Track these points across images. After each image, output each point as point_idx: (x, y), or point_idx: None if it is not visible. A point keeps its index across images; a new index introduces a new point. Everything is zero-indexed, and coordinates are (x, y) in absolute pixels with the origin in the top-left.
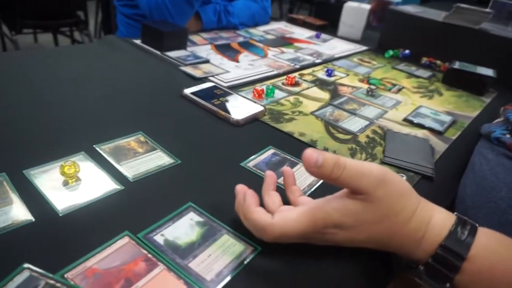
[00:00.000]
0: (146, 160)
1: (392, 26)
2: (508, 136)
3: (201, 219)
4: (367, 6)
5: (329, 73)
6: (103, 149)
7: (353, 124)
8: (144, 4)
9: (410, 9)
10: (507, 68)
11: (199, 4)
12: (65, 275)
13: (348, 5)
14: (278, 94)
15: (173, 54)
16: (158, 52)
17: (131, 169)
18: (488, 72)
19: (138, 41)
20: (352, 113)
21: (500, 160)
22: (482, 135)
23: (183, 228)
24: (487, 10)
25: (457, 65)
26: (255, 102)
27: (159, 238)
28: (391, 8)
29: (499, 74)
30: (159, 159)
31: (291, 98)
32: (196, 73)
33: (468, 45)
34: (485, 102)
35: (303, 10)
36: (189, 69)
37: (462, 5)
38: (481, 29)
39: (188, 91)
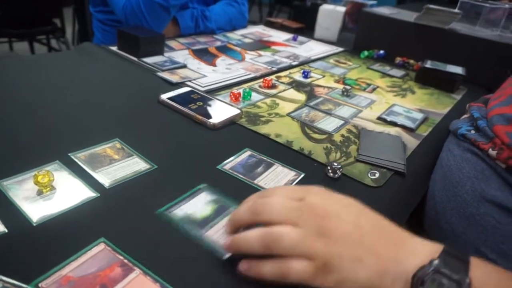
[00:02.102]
0: (122, 166)
1: (366, 28)
2: (473, 132)
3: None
4: (342, 9)
5: (306, 74)
6: (78, 157)
7: (329, 124)
8: (120, 11)
9: (383, 10)
10: (476, 66)
11: (176, 10)
12: (40, 284)
13: (323, 8)
14: (255, 96)
15: (150, 60)
16: (135, 59)
17: (107, 176)
18: (458, 70)
19: (114, 48)
20: (328, 113)
21: (465, 155)
22: (451, 131)
23: None
24: (456, 10)
25: (428, 64)
26: (232, 106)
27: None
28: (364, 10)
29: (468, 72)
30: (136, 165)
31: (268, 101)
32: (173, 78)
33: (439, 45)
34: (455, 99)
35: (283, 14)
36: (166, 75)
37: (432, 6)
38: (451, 29)
39: (164, 96)
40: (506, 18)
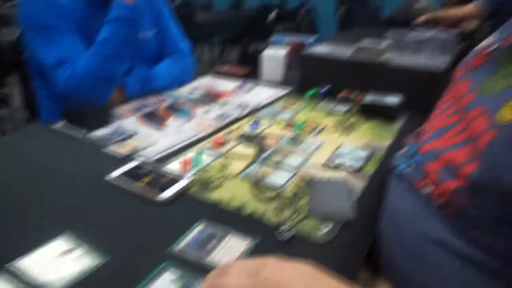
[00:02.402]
0: (71, 265)
1: (308, 68)
2: (409, 169)
3: None
4: (283, 52)
5: (255, 126)
6: (23, 264)
7: (279, 178)
8: (62, 86)
9: (322, 49)
10: (412, 93)
11: (120, 77)
12: None
13: (265, 53)
14: (206, 159)
15: (97, 133)
16: (81, 135)
17: (56, 280)
18: (396, 99)
19: (59, 125)
20: (277, 166)
21: (404, 194)
22: (392, 168)
23: None
24: (383, 46)
25: (368, 97)
26: (182, 174)
27: None
28: (303, 53)
29: (408, 99)
30: (86, 260)
31: (219, 162)
32: (122, 151)
33: (376, 76)
34: (397, 128)
35: (232, 53)
36: (114, 148)
37: (362, 45)
38: (384, 61)
39: (112, 175)
40: (432, 43)
